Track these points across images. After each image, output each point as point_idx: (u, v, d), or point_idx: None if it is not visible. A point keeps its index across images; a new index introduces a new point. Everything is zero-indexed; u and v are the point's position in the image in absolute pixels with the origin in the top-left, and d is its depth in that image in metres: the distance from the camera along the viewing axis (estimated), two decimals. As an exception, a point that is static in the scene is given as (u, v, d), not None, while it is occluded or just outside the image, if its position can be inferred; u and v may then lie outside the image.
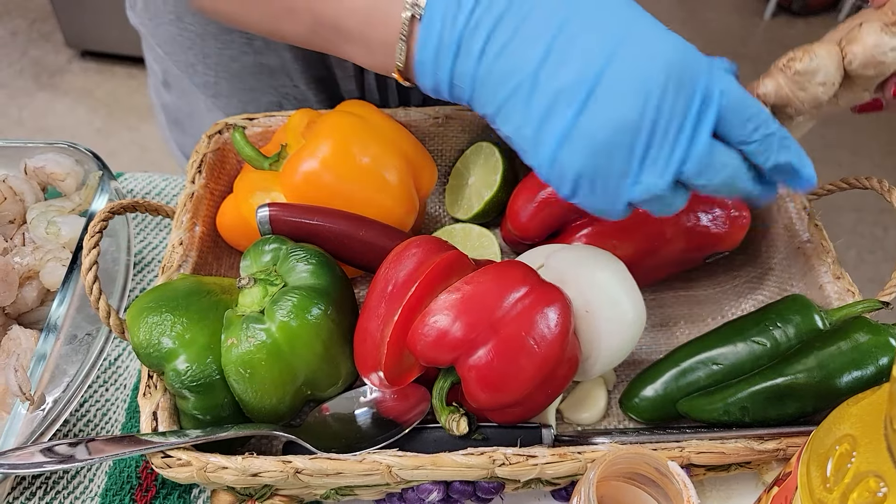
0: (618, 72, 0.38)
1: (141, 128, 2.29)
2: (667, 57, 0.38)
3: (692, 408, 0.48)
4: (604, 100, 0.38)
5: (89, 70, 2.46)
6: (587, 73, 0.38)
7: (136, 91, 2.40)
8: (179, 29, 0.66)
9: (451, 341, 0.43)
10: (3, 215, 0.54)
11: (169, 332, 0.44)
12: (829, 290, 0.53)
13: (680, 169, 0.39)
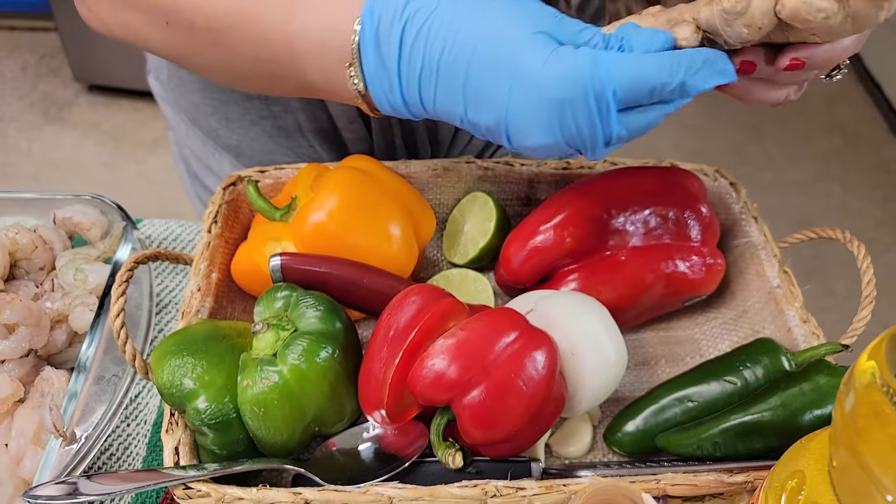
0: (518, 113, 0.43)
1: (147, 160, 2.35)
2: (552, 93, 0.42)
3: (669, 442, 0.52)
4: (521, 133, 0.44)
5: (97, 104, 2.52)
6: (497, 118, 0.43)
7: (143, 124, 2.46)
8: (203, 97, 0.72)
9: (447, 382, 0.47)
10: (34, 262, 0.59)
11: (190, 373, 0.48)
12: (796, 333, 0.57)
13: (610, 144, 0.45)
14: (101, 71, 2.45)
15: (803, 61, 0.44)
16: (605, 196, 0.60)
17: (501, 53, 0.42)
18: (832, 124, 2.67)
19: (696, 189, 0.62)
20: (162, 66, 0.78)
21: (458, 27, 0.42)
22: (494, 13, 0.43)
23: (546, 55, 0.42)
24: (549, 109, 0.42)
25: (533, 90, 0.42)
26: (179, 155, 0.87)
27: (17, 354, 0.52)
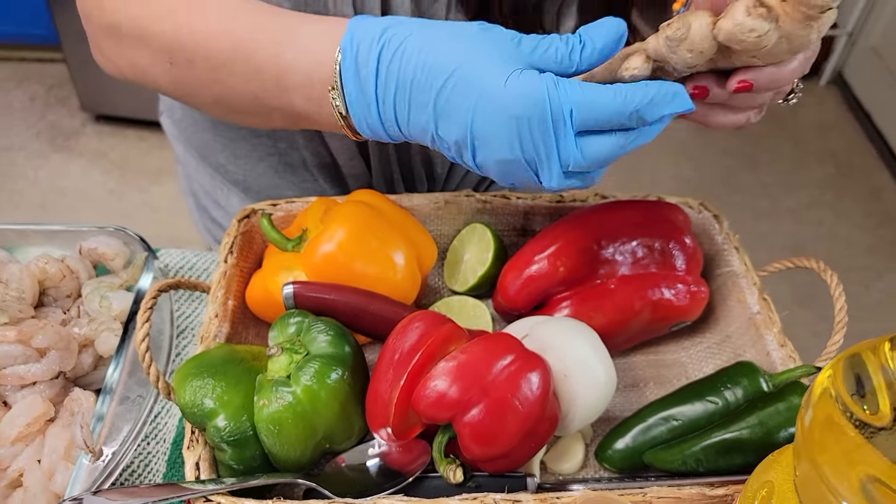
0: (482, 131, 0.47)
1: (151, 189, 2.39)
2: (513, 111, 0.45)
3: (656, 459, 0.56)
4: (484, 147, 0.48)
5: (103, 133, 2.58)
6: (463, 131, 0.47)
7: (147, 153, 2.51)
8: (214, 136, 0.77)
9: (448, 402, 0.51)
10: (61, 290, 0.63)
11: (210, 394, 0.52)
12: (774, 356, 0.61)
13: (566, 169, 0.48)
14: (108, 101, 2.50)
15: (751, 83, 0.48)
16: (596, 228, 0.64)
17: (468, 75, 0.46)
18: (824, 153, 2.72)
19: (681, 221, 0.66)
20: (175, 107, 0.83)
21: (428, 52, 0.47)
22: (461, 38, 0.47)
23: (507, 76, 0.45)
24: (510, 125, 0.46)
25: (496, 108, 0.46)
26: (188, 188, 0.92)
27: (47, 376, 0.56)
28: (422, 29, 0.48)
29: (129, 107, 2.50)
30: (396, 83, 0.48)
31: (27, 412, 0.53)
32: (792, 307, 2.12)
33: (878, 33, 2.74)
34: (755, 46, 0.44)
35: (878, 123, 2.74)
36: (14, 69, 2.78)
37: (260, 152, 0.76)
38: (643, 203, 0.67)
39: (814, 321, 1.91)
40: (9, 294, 0.60)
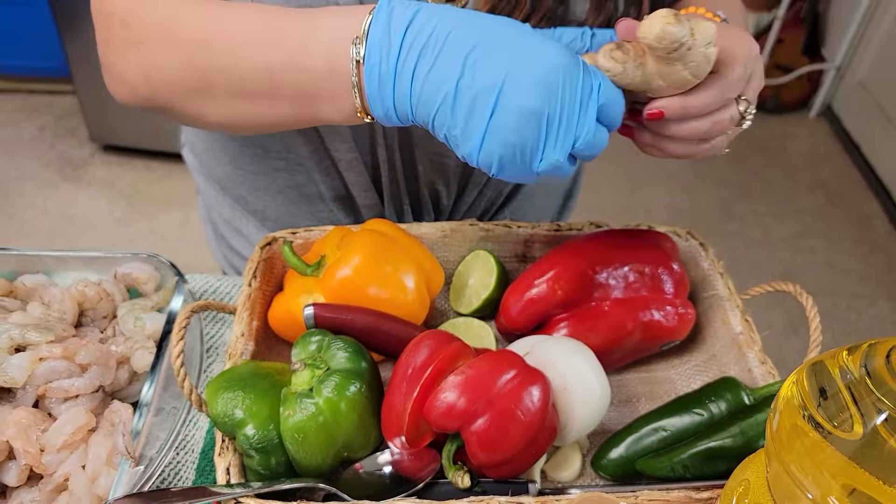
0: (517, 75, 0.48)
1: (159, 216, 2.45)
2: (555, 60, 0.49)
3: (647, 466, 0.61)
4: (510, 96, 0.48)
5: (111, 163, 2.64)
6: (495, 79, 0.48)
7: (155, 182, 2.57)
8: (234, 168, 0.83)
9: (457, 412, 0.56)
10: (98, 312, 0.68)
11: (240, 405, 0.57)
12: (755, 373, 0.66)
13: (573, 147, 0.52)
14: (116, 132, 2.57)
15: (661, 111, 0.55)
16: (591, 255, 0.70)
17: (508, 34, 0.49)
18: (815, 183, 2.80)
19: (669, 249, 0.72)
20: (197, 141, 0.89)
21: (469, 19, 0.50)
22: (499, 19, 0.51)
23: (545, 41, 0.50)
24: (547, 74, 0.48)
25: (535, 57, 0.49)
26: (207, 217, 0.97)
27: (89, 390, 0.61)
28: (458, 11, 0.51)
29: (137, 137, 2.57)
30: (430, 36, 0.50)
31: (72, 422, 0.58)
32: (784, 332, 2.18)
33: (865, 68, 2.83)
34: (620, 82, 0.52)
35: (866, 154, 2.82)
36: (24, 101, 2.86)
37: (279, 184, 0.82)
38: (634, 232, 0.73)
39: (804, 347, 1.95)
40: (52, 315, 0.65)
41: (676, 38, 0.50)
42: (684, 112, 0.56)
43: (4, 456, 0.58)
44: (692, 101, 0.55)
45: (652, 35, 0.50)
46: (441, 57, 0.50)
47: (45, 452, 0.58)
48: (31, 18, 2.53)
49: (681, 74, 0.53)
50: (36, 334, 0.61)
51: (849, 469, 0.40)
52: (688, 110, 0.56)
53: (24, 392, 0.60)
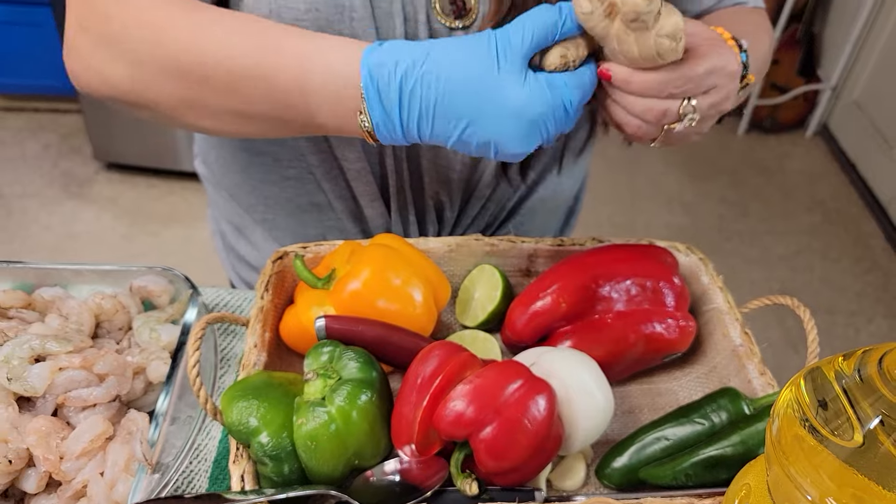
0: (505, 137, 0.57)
1: (161, 233, 2.47)
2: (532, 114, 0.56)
3: (650, 474, 0.62)
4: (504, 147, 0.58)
5: (114, 180, 2.67)
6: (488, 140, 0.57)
7: (158, 200, 2.60)
8: (245, 177, 0.85)
9: (465, 421, 0.58)
10: (114, 324, 0.70)
11: (255, 413, 0.58)
12: (755, 384, 0.68)
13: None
14: (120, 150, 2.60)
15: (608, 73, 0.59)
16: (594, 269, 0.72)
17: (486, 94, 0.55)
18: (812, 202, 2.83)
19: (670, 263, 0.74)
20: (209, 152, 0.91)
21: (445, 78, 0.55)
22: (467, 62, 0.56)
23: (519, 88, 0.55)
24: (530, 127, 0.56)
25: (515, 116, 0.56)
26: (217, 228, 0.99)
27: (106, 399, 0.62)
28: (432, 54, 0.56)
29: (140, 155, 2.60)
30: (420, 110, 0.57)
31: (91, 430, 0.60)
32: (783, 349, 2.19)
33: (860, 88, 2.87)
34: (584, 23, 0.56)
35: (862, 173, 2.85)
36: (29, 119, 2.89)
37: (288, 193, 0.84)
38: (636, 246, 0.75)
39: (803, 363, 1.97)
40: (69, 326, 0.67)
41: (638, 11, 0.53)
42: (626, 85, 0.59)
43: (24, 463, 0.59)
44: (636, 78, 0.59)
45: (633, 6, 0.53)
46: (437, 123, 0.57)
47: (65, 460, 0.59)
48: (37, 38, 2.57)
49: (632, 47, 0.56)
50: (55, 345, 0.62)
51: (847, 474, 0.41)
52: (629, 85, 0.59)
53: (44, 401, 0.62)
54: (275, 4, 0.66)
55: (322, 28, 0.66)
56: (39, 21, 2.51)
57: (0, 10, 2.52)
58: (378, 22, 0.68)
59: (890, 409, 0.40)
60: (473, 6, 0.69)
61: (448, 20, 0.69)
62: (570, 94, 0.57)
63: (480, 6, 0.69)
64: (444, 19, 0.69)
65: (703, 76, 0.59)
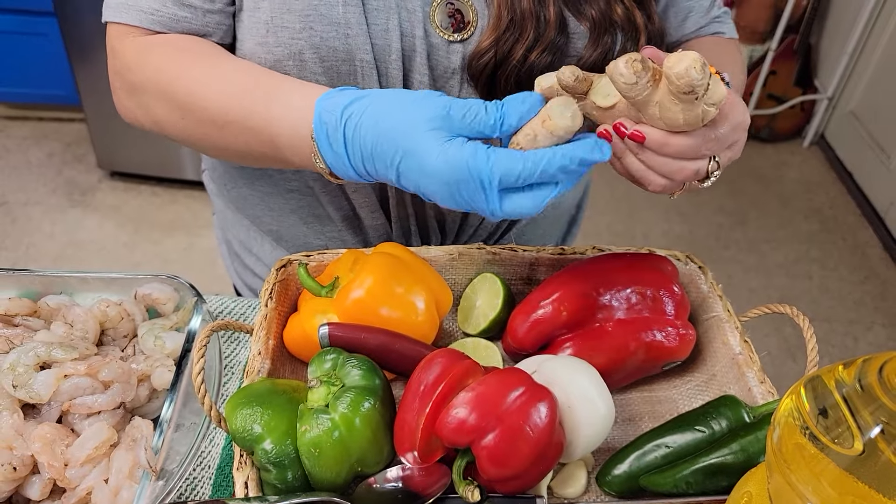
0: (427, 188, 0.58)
1: (164, 241, 2.48)
2: (445, 177, 0.56)
3: (650, 482, 0.63)
4: (430, 196, 0.59)
5: (117, 189, 2.68)
6: (416, 186, 0.58)
7: (161, 208, 2.61)
8: (251, 190, 0.86)
9: (468, 428, 0.58)
10: (119, 331, 0.71)
11: (259, 420, 0.59)
12: (755, 392, 0.68)
13: (503, 215, 0.58)
14: (124, 158, 2.61)
15: (643, 135, 0.59)
16: (594, 277, 0.73)
17: (410, 149, 0.57)
18: (810, 210, 2.84)
19: (670, 272, 0.75)
20: (216, 165, 0.92)
21: (380, 129, 0.57)
22: (400, 115, 0.57)
23: (439, 149, 0.56)
24: (444, 189, 0.57)
25: (433, 175, 0.57)
26: (223, 237, 1.01)
27: (111, 406, 0.63)
28: (374, 104, 0.59)
29: (144, 164, 2.61)
30: (361, 153, 0.59)
31: (95, 437, 0.60)
32: (781, 358, 2.20)
33: (857, 98, 2.88)
34: (624, 93, 0.56)
35: (859, 182, 2.86)
36: (33, 128, 2.90)
37: (292, 205, 0.85)
38: (636, 255, 0.76)
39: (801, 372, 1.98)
40: (75, 334, 0.67)
41: (693, 85, 0.53)
42: (661, 148, 0.59)
43: (29, 470, 0.60)
44: (673, 141, 0.59)
45: (675, 70, 0.53)
46: (378, 167, 0.59)
47: (69, 466, 0.59)
48: (42, 48, 2.58)
49: (676, 116, 0.56)
50: (61, 352, 0.63)
51: (848, 482, 0.42)
52: (665, 148, 0.59)
53: (49, 408, 0.62)
54: (272, 24, 0.68)
55: (317, 46, 0.68)
56: (44, 31, 2.52)
57: (5, 19, 2.53)
58: (374, 39, 0.69)
59: (890, 417, 0.41)
60: (472, 19, 0.70)
61: (446, 34, 0.70)
62: (489, 174, 0.56)
63: (479, 20, 0.70)
64: (443, 33, 0.70)
65: (729, 134, 0.61)
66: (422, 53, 0.70)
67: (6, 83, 2.74)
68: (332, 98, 0.60)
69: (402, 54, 0.70)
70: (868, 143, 2.78)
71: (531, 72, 0.71)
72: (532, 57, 0.70)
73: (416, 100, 0.58)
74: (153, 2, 0.69)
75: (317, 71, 0.69)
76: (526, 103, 0.59)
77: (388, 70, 0.70)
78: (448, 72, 0.72)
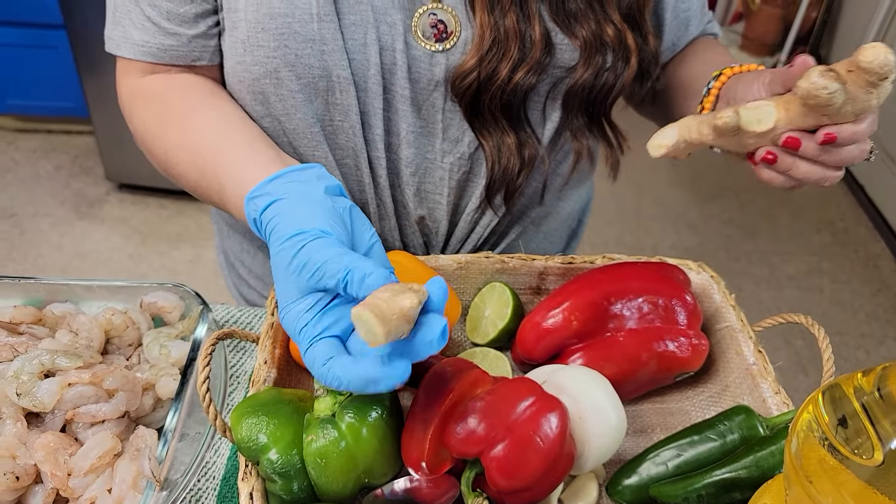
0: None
1: (171, 253, 2.48)
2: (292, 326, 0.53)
3: (661, 493, 0.61)
4: None
5: (125, 201, 2.68)
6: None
7: (168, 220, 2.61)
8: None
9: (476, 438, 0.57)
10: (124, 339, 0.70)
11: (264, 430, 0.58)
12: (769, 403, 0.67)
13: None
14: (131, 171, 2.62)
15: (835, 135, 0.59)
16: (605, 286, 0.72)
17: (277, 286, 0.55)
18: (821, 222, 2.82)
19: (682, 281, 0.74)
20: None
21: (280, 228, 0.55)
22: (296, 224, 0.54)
23: (283, 305, 0.54)
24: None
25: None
26: (221, 247, 1.00)
27: (115, 415, 0.62)
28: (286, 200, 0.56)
29: (151, 177, 2.62)
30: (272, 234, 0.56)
31: (99, 446, 0.59)
32: (793, 372, 2.17)
33: (868, 110, 2.86)
34: (827, 103, 0.57)
35: (871, 195, 2.84)
36: (42, 140, 2.92)
37: None
38: (647, 264, 0.75)
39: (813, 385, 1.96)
40: (79, 342, 0.67)
41: (891, 70, 0.55)
42: (851, 139, 0.60)
43: (31, 479, 0.59)
44: (861, 130, 0.60)
45: (877, 61, 0.55)
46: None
47: (72, 476, 0.59)
48: (52, 60, 2.60)
49: (869, 103, 0.58)
50: (65, 360, 0.62)
51: (868, 493, 0.41)
52: (854, 138, 0.60)
53: (53, 416, 0.61)
54: (248, 43, 0.68)
55: (292, 64, 0.68)
56: (54, 44, 2.54)
57: (15, 32, 2.55)
58: (351, 54, 0.68)
59: (911, 426, 0.40)
60: (455, 29, 0.70)
61: (429, 44, 0.70)
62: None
63: (462, 31, 0.70)
64: (425, 43, 0.70)
65: None
66: (402, 67, 0.70)
67: (16, 96, 2.76)
68: (254, 201, 0.58)
69: (382, 68, 0.69)
70: (879, 156, 2.77)
71: (515, 91, 0.71)
72: (517, 77, 0.69)
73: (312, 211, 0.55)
74: (143, 34, 0.70)
75: (294, 88, 0.69)
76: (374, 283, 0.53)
77: (367, 85, 0.70)
78: (431, 84, 0.72)
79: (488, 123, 0.74)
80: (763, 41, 3.02)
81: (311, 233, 0.53)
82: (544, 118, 0.77)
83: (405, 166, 0.76)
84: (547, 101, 0.76)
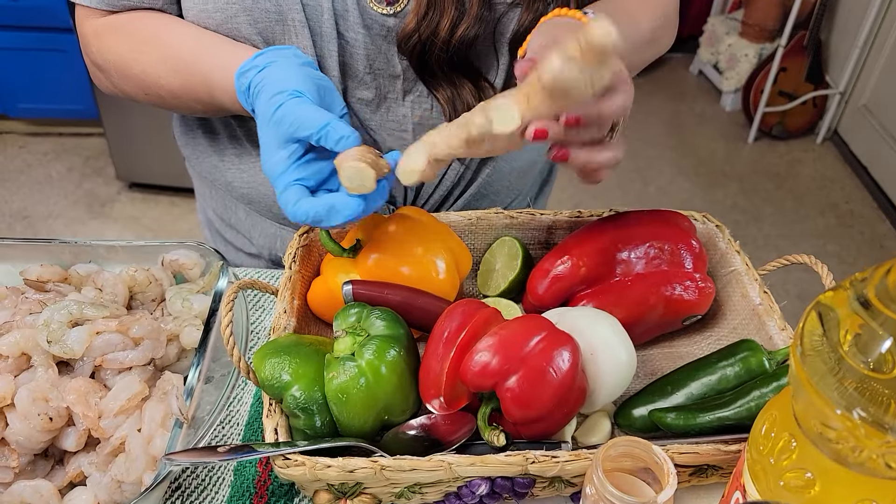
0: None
1: (182, 250, 2.51)
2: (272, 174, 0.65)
3: (666, 425, 0.63)
4: None
5: (136, 200, 2.71)
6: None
7: (179, 218, 2.64)
8: (220, 158, 0.88)
9: (491, 371, 0.59)
10: (147, 295, 0.72)
11: (287, 368, 0.60)
12: (776, 339, 0.69)
13: None
14: (142, 170, 2.65)
15: (581, 117, 0.59)
16: (613, 233, 0.73)
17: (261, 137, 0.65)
18: (825, 206, 2.82)
19: (687, 227, 0.75)
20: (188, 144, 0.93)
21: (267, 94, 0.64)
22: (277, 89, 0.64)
23: (266, 152, 0.65)
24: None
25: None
26: (205, 218, 1.03)
27: (142, 362, 0.64)
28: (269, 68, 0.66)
29: (161, 175, 2.65)
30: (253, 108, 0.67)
31: (128, 389, 0.61)
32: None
33: (869, 92, 2.88)
34: (573, 87, 0.54)
35: (875, 176, 2.85)
36: (53, 143, 2.95)
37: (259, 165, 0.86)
38: (653, 212, 0.76)
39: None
40: (105, 297, 0.69)
41: (611, 46, 0.52)
42: (597, 120, 0.60)
43: (64, 421, 0.61)
44: (607, 107, 0.60)
45: (611, 38, 0.52)
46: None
47: (103, 417, 0.61)
48: (62, 64, 2.63)
49: (602, 80, 0.55)
50: (93, 310, 0.65)
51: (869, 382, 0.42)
52: (601, 117, 0.60)
53: (82, 364, 0.64)
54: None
55: (249, 9, 0.72)
56: (64, 47, 2.57)
57: (26, 36, 2.59)
58: (311, 23, 0.72)
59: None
60: None
61: (380, 7, 0.72)
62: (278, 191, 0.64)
63: None
64: (377, 6, 0.72)
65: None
66: (354, 13, 0.72)
67: (27, 100, 2.80)
68: (242, 75, 0.67)
69: (335, 14, 0.72)
70: (882, 137, 2.77)
71: (460, 45, 0.72)
72: (458, 33, 0.71)
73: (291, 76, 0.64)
74: None
75: (251, 32, 0.72)
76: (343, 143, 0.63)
77: (322, 29, 0.73)
78: (384, 30, 0.74)
79: (440, 78, 0.76)
80: (763, 26, 3.03)
81: (290, 92, 0.63)
82: (497, 61, 0.79)
83: (365, 105, 0.79)
84: (496, 43, 0.78)
